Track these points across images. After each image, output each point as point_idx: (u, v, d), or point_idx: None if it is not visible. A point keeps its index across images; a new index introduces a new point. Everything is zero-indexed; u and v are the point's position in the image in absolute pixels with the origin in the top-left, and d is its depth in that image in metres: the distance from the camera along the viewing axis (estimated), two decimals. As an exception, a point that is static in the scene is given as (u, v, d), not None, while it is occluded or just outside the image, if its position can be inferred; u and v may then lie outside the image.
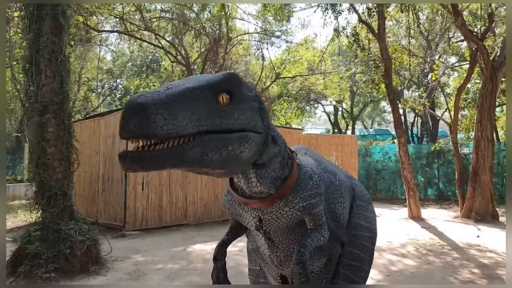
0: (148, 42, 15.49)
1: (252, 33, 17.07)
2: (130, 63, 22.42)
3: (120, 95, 23.46)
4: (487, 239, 6.89)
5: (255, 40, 17.64)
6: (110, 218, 7.92)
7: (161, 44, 15.00)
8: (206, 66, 15.31)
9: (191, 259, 5.55)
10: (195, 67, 16.27)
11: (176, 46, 15.27)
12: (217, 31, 14.67)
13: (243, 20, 16.85)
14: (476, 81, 14.48)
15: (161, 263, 5.32)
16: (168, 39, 15.44)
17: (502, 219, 8.99)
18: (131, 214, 7.50)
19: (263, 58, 16.99)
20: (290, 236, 1.71)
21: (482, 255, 5.79)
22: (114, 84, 24.16)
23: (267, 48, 16.70)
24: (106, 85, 23.86)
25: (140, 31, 14.27)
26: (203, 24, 14.46)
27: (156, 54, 19.89)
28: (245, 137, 1.29)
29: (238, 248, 5.41)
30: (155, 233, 7.41)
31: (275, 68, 17.49)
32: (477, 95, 14.26)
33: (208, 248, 6.19)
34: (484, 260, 5.46)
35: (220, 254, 1.77)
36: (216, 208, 8.72)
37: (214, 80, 1.26)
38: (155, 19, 14.21)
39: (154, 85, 20.48)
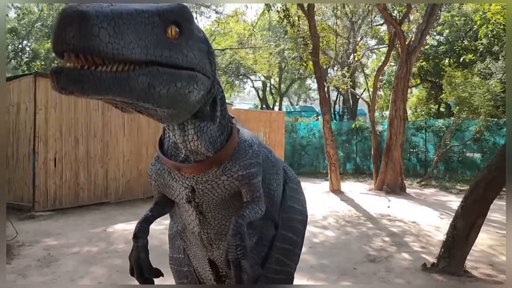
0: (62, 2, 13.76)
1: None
2: (39, 23, 19.86)
3: (27, 59, 20.83)
4: (396, 209, 7.61)
5: (183, 8, 16.76)
6: (16, 197, 7.07)
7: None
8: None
9: (111, 240, 5.20)
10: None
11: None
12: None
13: (171, -15, 15.86)
14: (391, 63, 15.62)
15: (76, 246, 4.89)
16: None
17: (408, 190, 10.02)
18: (41, 192, 6.78)
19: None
20: (224, 211, 1.59)
21: (392, 224, 6.37)
22: (20, 46, 21.31)
23: (195, 18, 15.98)
24: (10, 47, 20.94)
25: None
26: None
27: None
28: (194, 76, 1.19)
29: (163, 227, 5.17)
30: (70, 213, 6.81)
31: (204, 40, 16.91)
32: (392, 77, 15.48)
33: (130, 227, 5.86)
34: (394, 229, 6.02)
35: (141, 232, 1.59)
36: (139, 185, 8.30)
37: (164, 8, 1.11)
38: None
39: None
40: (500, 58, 13.37)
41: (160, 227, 5.19)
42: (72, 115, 7.21)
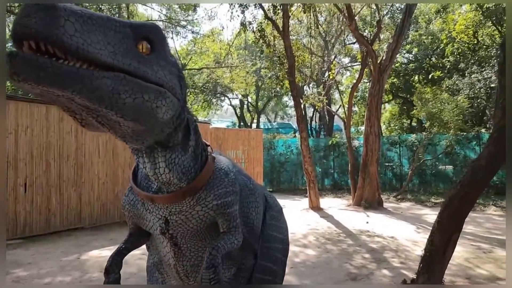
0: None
1: (156, 20, 16.20)
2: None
3: None
4: (374, 224, 7.70)
5: (159, 28, 16.78)
6: (-18, 226, 6.69)
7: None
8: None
9: (86, 268, 4.98)
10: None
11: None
12: (117, 15, 13.52)
13: (146, 5, 15.90)
14: (364, 80, 16.11)
15: (49, 276, 4.66)
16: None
17: (386, 205, 10.18)
18: (10, 220, 6.46)
19: (168, 48, 16.29)
20: (199, 242, 1.54)
21: (371, 240, 6.43)
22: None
23: (172, 38, 16.03)
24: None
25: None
26: (100, 6, 13.18)
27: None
28: (163, 92, 1.15)
29: (141, 251, 5.03)
30: (42, 240, 6.51)
31: (181, 59, 16.94)
32: (365, 93, 15.93)
33: (106, 253, 5.65)
34: (373, 245, 6.07)
35: (114, 266, 1.52)
36: (115, 208, 8.06)
37: (138, 22, 1.12)
38: None
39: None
40: (466, 74, 14.03)
41: (137, 251, 5.04)
42: (44, 139, 6.98)
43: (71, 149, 7.39)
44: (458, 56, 15.55)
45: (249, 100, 25.77)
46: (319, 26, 14.93)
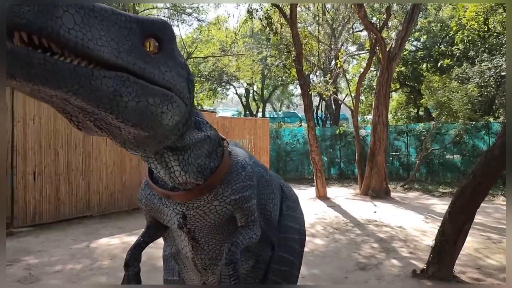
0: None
1: (162, 8, 16.06)
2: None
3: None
4: (382, 214, 7.68)
5: (164, 16, 16.62)
6: (-8, 214, 6.77)
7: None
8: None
9: (95, 256, 5.03)
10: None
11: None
12: (121, 3, 13.41)
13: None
14: (371, 69, 15.90)
15: (59, 264, 4.71)
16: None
17: (393, 194, 10.14)
18: (20, 208, 6.52)
19: (173, 36, 16.17)
20: (217, 235, 1.53)
21: (379, 229, 6.41)
22: None
23: (177, 25, 15.91)
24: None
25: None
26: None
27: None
28: (170, 96, 1.06)
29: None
30: (52, 228, 6.58)
31: (186, 47, 16.82)
32: (373, 82, 15.75)
33: (115, 241, 5.71)
34: (381, 235, 6.05)
35: (133, 259, 1.52)
36: (123, 197, 8.11)
37: (145, 18, 1.02)
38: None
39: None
40: (476, 62, 13.79)
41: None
42: (52, 127, 6.99)
43: (79, 137, 7.40)
44: (468, 43, 15.27)
45: (255, 89, 25.63)
46: (326, 13, 14.71)
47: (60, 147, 7.12)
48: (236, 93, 26.17)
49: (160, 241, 1.94)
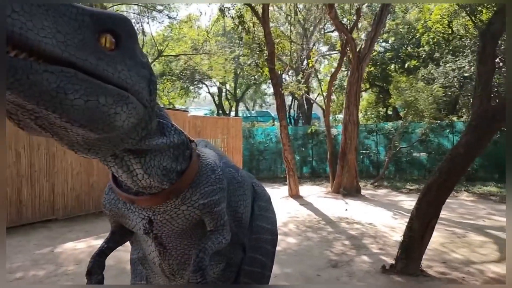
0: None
1: (131, 4, 15.64)
2: None
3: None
4: (353, 211, 7.82)
5: (134, 13, 16.21)
6: None
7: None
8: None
9: (60, 261, 4.81)
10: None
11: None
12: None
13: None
14: (342, 69, 16.19)
15: (20, 270, 4.46)
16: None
17: (363, 192, 10.36)
18: (-22, 213, 6.14)
19: (144, 33, 15.79)
20: (185, 240, 1.47)
21: (351, 227, 6.52)
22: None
23: (147, 23, 15.55)
24: None
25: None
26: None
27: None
28: (125, 97, 0.96)
29: (118, 244, 4.91)
30: (13, 233, 6.24)
31: (157, 45, 16.47)
32: (344, 82, 16.05)
33: (81, 246, 5.49)
34: (352, 232, 6.16)
35: (96, 267, 1.44)
36: (90, 199, 7.82)
37: (101, 12, 0.92)
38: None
39: None
40: (440, 64, 14.33)
41: (115, 244, 4.90)
42: (12, 127, 6.62)
43: (41, 137, 7.06)
44: (433, 45, 15.85)
45: (228, 88, 25.50)
46: (298, 13, 14.84)
47: (21, 147, 6.77)
48: (209, 92, 25.94)
49: (130, 244, 1.86)
